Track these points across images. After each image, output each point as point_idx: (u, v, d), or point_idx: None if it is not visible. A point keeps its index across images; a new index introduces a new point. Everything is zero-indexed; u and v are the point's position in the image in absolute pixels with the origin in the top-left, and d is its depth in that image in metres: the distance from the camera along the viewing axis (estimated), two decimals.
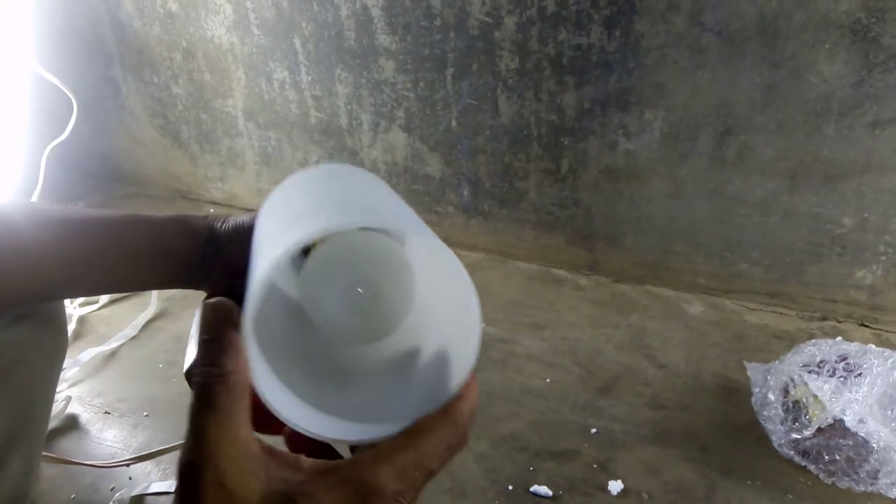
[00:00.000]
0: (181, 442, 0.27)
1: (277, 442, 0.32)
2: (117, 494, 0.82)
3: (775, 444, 0.84)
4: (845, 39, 0.92)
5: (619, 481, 0.82)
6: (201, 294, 0.55)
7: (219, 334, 0.28)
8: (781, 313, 1.13)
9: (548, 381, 0.99)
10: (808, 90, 0.97)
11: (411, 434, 0.28)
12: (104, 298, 1.24)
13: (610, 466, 0.84)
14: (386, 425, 0.29)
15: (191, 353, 0.48)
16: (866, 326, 1.09)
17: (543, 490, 0.81)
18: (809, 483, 0.81)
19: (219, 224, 0.51)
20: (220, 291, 0.54)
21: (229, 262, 0.51)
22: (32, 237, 0.47)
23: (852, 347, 0.84)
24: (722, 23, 0.97)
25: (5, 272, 0.47)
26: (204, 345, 0.27)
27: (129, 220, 0.51)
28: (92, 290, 0.55)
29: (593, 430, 0.90)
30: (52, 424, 0.93)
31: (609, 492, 0.81)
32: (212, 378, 0.27)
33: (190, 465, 0.26)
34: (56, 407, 0.95)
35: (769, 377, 0.87)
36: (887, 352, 0.82)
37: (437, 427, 0.29)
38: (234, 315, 0.28)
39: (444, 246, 0.28)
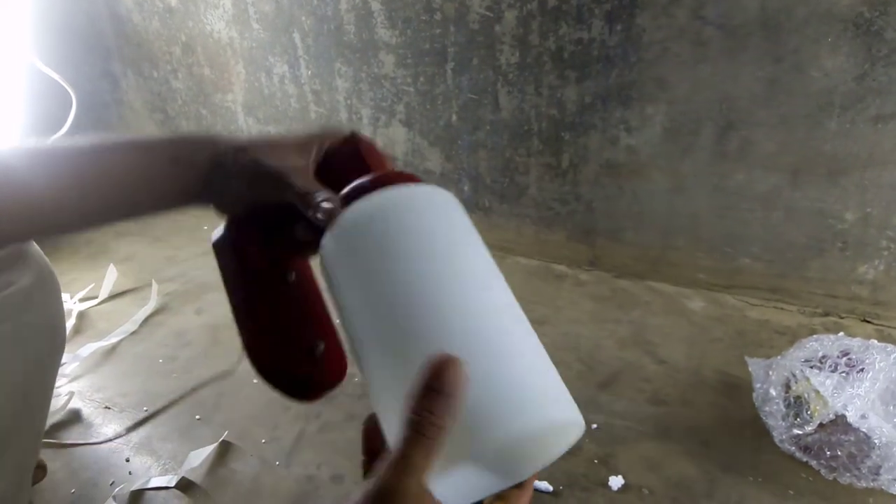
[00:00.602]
0: (185, 393, 0.27)
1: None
2: (117, 489, 0.82)
3: (776, 440, 0.84)
4: (848, 33, 0.92)
5: (620, 476, 0.81)
6: (200, 292, 0.54)
7: (451, 391, 0.31)
8: (783, 309, 1.13)
9: None
10: (810, 84, 0.97)
11: (504, 498, 0.37)
12: (104, 294, 1.24)
13: (611, 462, 0.84)
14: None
15: (219, 229, 0.45)
16: (868, 322, 1.09)
17: (544, 485, 0.81)
18: (811, 479, 0.80)
19: (229, 159, 0.46)
20: (228, 213, 0.50)
21: (241, 193, 0.46)
22: (22, 172, 0.45)
23: (854, 343, 0.83)
24: (724, 16, 0.97)
25: None
26: (436, 395, 0.31)
27: (123, 147, 0.48)
28: (90, 221, 0.51)
29: (594, 426, 0.90)
30: (55, 418, 0.93)
31: (610, 487, 0.81)
32: (434, 427, 0.31)
33: (393, 487, 0.30)
34: (59, 401, 0.95)
35: (770, 372, 0.87)
36: (890, 347, 0.81)
37: (520, 497, 0.38)
38: (461, 385, 0.32)
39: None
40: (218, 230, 0.46)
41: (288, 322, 0.45)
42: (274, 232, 0.45)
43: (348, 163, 0.45)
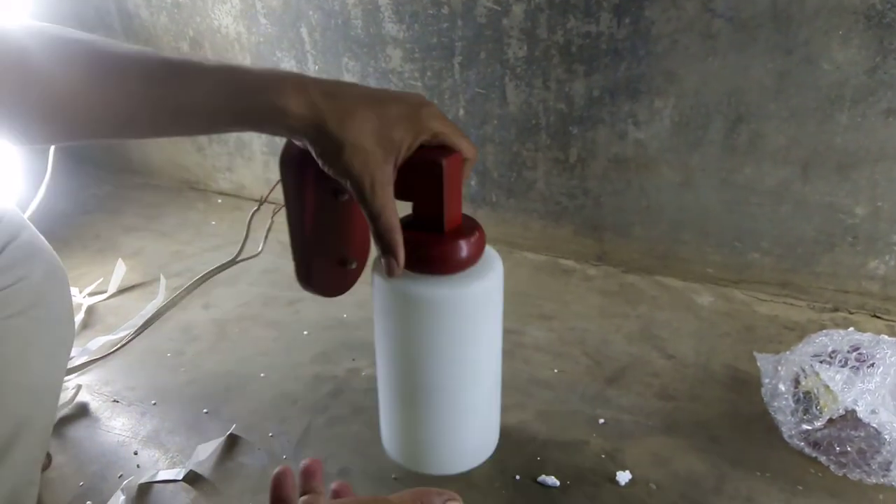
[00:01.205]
0: None
1: None
2: (125, 482, 0.82)
3: (785, 436, 0.83)
4: (859, 25, 0.91)
5: (628, 472, 0.81)
6: (207, 287, 0.55)
7: None
8: (792, 304, 1.12)
9: (555, 371, 0.99)
10: (821, 77, 0.96)
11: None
12: (112, 288, 1.24)
13: (618, 457, 0.84)
14: None
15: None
16: (879, 318, 1.08)
17: (551, 480, 0.80)
18: (820, 474, 0.80)
19: (319, 149, 0.44)
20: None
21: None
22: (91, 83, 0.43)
23: (865, 338, 0.83)
24: (734, 9, 0.96)
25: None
26: None
27: (193, 88, 0.45)
28: (125, 132, 0.49)
29: (601, 421, 0.89)
30: (63, 412, 0.94)
31: (617, 482, 0.80)
32: None
33: None
34: (67, 395, 0.96)
35: (780, 368, 0.86)
36: None
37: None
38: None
39: None
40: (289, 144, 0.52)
41: (330, 233, 0.53)
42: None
43: (424, 179, 0.49)
